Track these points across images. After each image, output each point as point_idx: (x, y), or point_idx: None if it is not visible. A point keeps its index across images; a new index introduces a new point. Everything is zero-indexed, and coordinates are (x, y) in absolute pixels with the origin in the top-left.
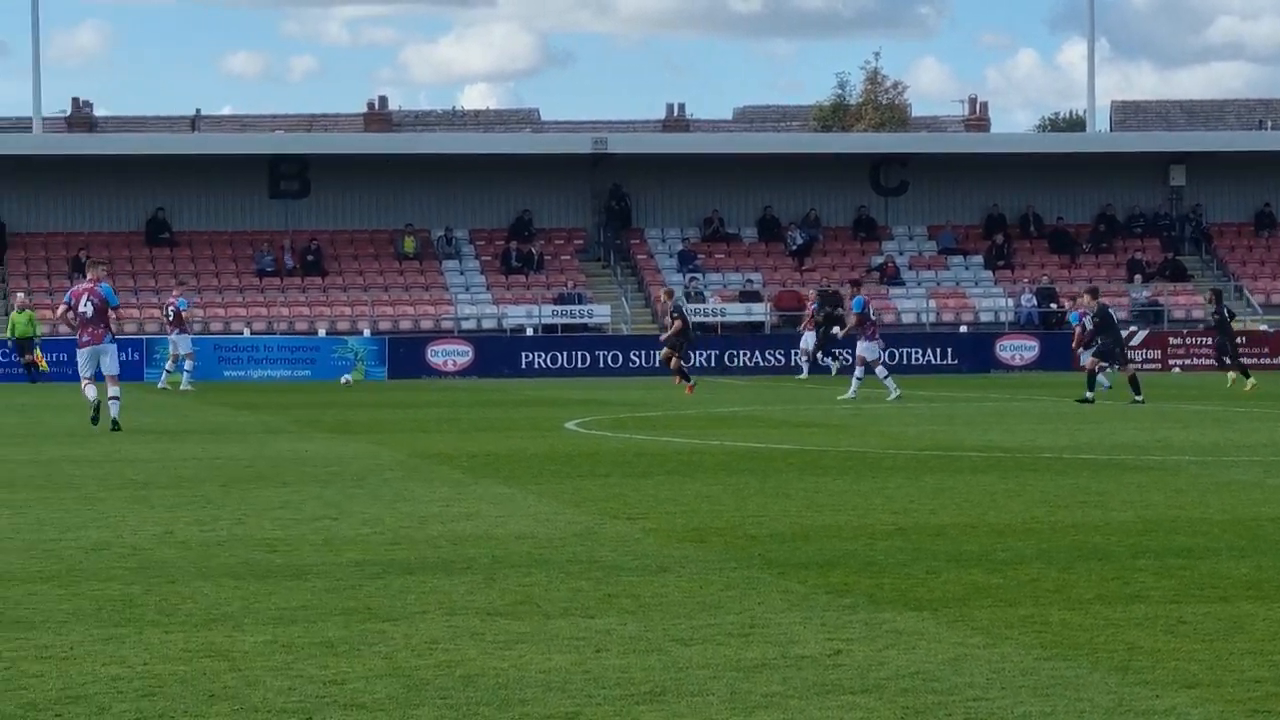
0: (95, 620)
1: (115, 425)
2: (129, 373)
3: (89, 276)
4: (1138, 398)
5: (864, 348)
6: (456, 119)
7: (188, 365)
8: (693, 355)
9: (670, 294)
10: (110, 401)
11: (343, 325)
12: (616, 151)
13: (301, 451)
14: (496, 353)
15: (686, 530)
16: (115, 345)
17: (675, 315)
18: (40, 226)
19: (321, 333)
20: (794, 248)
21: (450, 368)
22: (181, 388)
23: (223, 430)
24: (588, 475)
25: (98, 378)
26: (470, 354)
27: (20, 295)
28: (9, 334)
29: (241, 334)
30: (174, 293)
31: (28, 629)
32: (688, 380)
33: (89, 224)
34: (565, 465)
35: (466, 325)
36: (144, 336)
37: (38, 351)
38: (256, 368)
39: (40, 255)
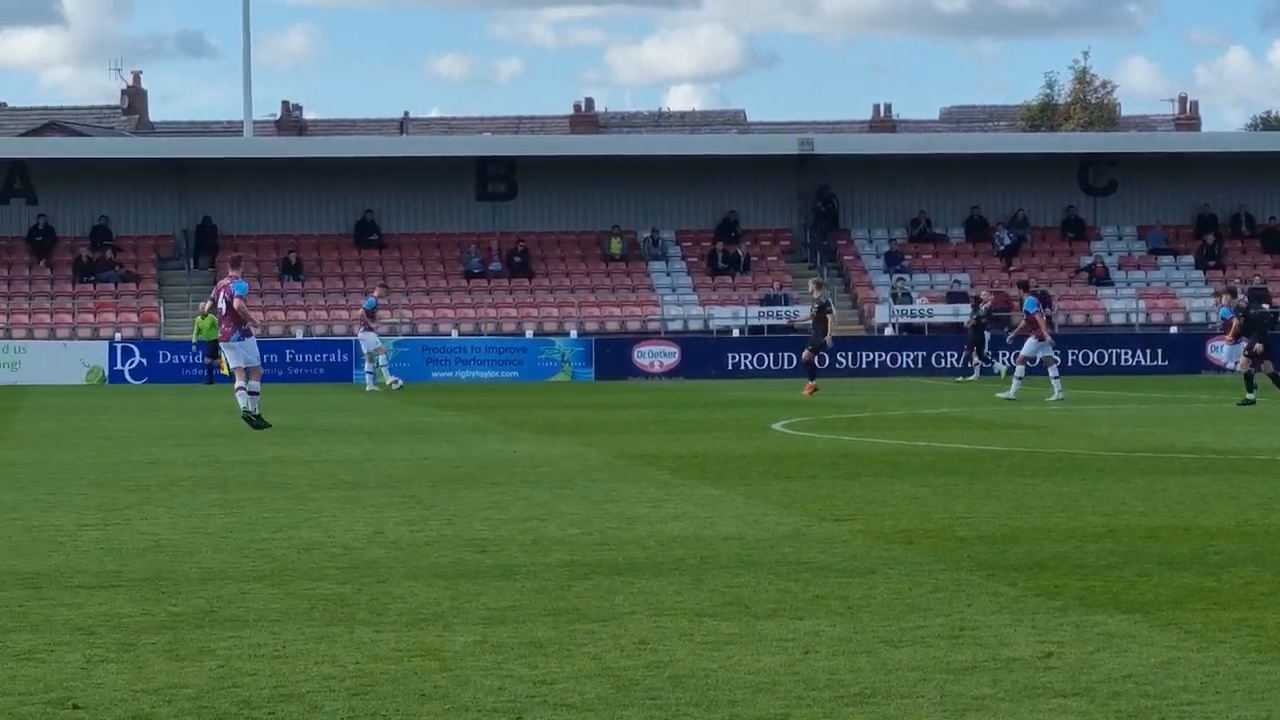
0: (308, 619)
1: (245, 418)
2: (338, 374)
3: (230, 274)
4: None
5: (1031, 346)
6: (663, 120)
7: (381, 361)
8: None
9: (820, 285)
10: (236, 393)
11: (549, 326)
12: (823, 152)
13: (509, 452)
14: (703, 354)
15: (895, 532)
16: (242, 342)
17: (825, 310)
18: (250, 229)
19: (528, 334)
20: (1002, 248)
21: (656, 369)
22: (368, 388)
23: (431, 431)
24: (795, 476)
25: (245, 374)
26: (676, 355)
27: (206, 303)
28: (195, 337)
29: (449, 335)
30: (374, 293)
31: (241, 627)
32: (812, 380)
33: (298, 226)
34: (773, 466)
35: (673, 326)
36: (351, 338)
37: (221, 355)
38: (464, 369)
39: (251, 257)
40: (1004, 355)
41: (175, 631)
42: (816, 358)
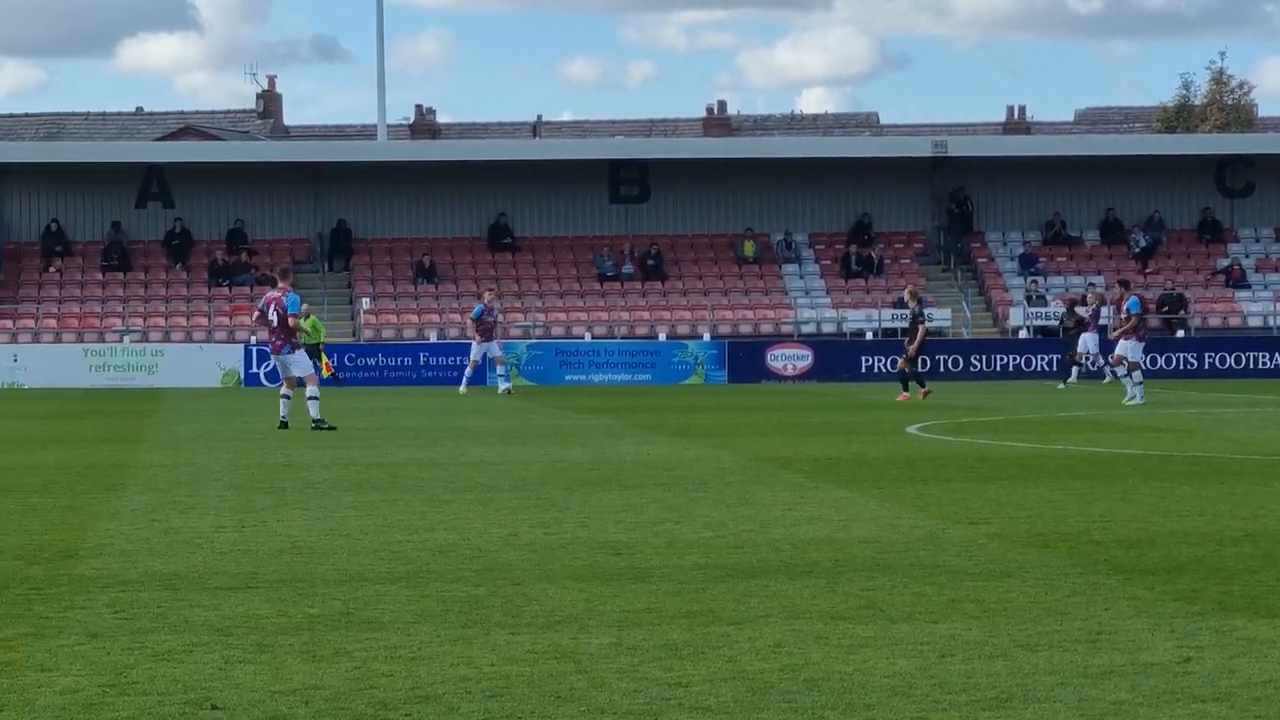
0: (443, 621)
1: (315, 424)
2: (475, 378)
3: (279, 286)
4: None
5: (1125, 348)
6: (795, 123)
7: (499, 370)
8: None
9: (915, 295)
10: (309, 402)
11: (682, 329)
12: (957, 154)
13: (643, 455)
14: (836, 357)
15: (1030, 535)
16: (294, 354)
17: (917, 320)
18: (385, 232)
19: (662, 337)
20: (1137, 250)
21: (790, 372)
22: (500, 389)
23: (565, 434)
24: (930, 480)
25: (299, 383)
26: (810, 358)
27: (304, 305)
28: (314, 339)
29: (582, 338)
30: (483, 298)
31: (378, 629)
32: (909, 389)
33: (432, 229)
34: (907, 470)
35: (806, 329)
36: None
37: (324, 358)
38: (597, 371)
39: (385, 260)
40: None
41: (312, 633)
42: (910, 366)
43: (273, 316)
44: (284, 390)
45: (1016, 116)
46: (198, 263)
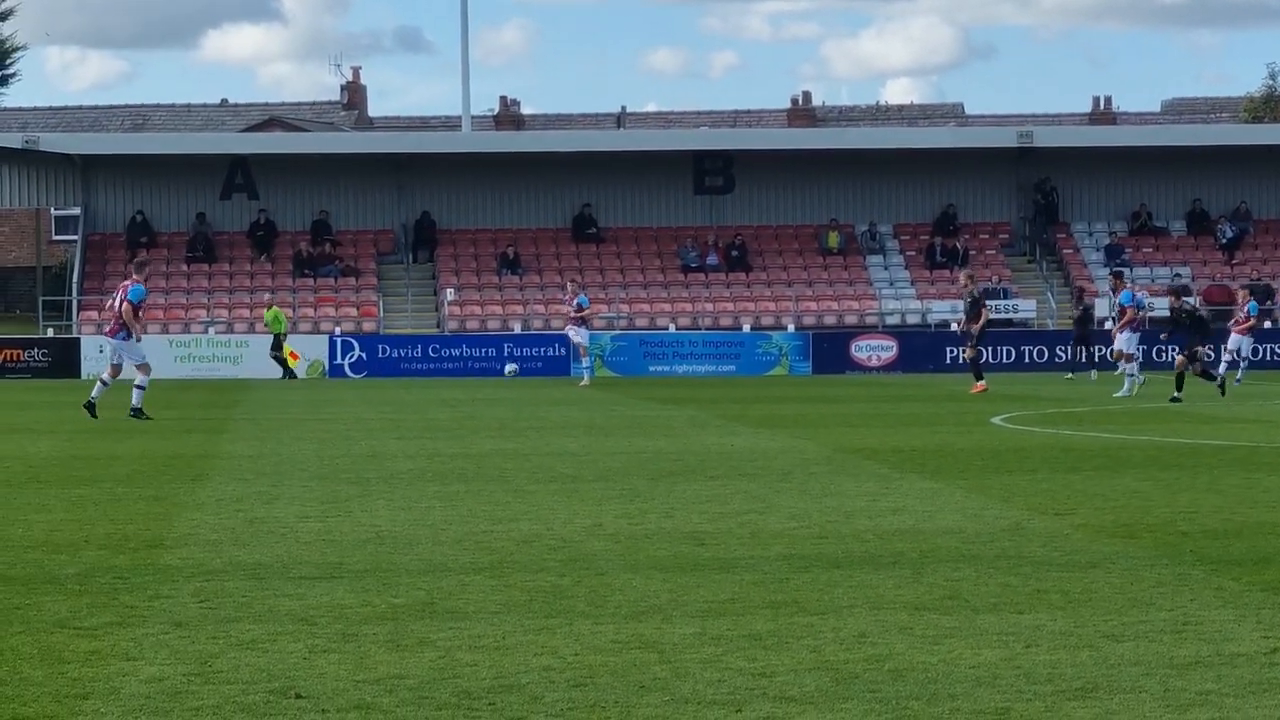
0: (526, 611)
1: (133, 412)
2: (556, 368)
3: (133, 276)
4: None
5: (1121, 340)
6: (880, 113)
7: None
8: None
9: (971, 278)
10: (135, 389)
11: (767, 320)
12: (1042, 145)
13: (727, 446)
14: (921, 348)
15: (1116, 526)
16: (127, 343)
17: (979, 304)
18: (469, 223)
19: (746, 328)
20: (1224, 241)
21: (874, 363)
22: (582, 383)
23: (648, 424)
24: (1015, 470)
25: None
26: (894, 349)
27: (267, 295)
28: (275, 328)
29: (666, 329)
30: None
31: (461, 619)
32: (979, 379)
33: (516, 220)
34: (992, 460)
35: (891, 320)
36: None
37: (287, 348)
38: (681, 362)
39: (469, 252)
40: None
41: (396, 622)
42: (976, 353)
43: (115, 301)
44: (105, 375)
45: (1102, 107)
46: (282, 254)
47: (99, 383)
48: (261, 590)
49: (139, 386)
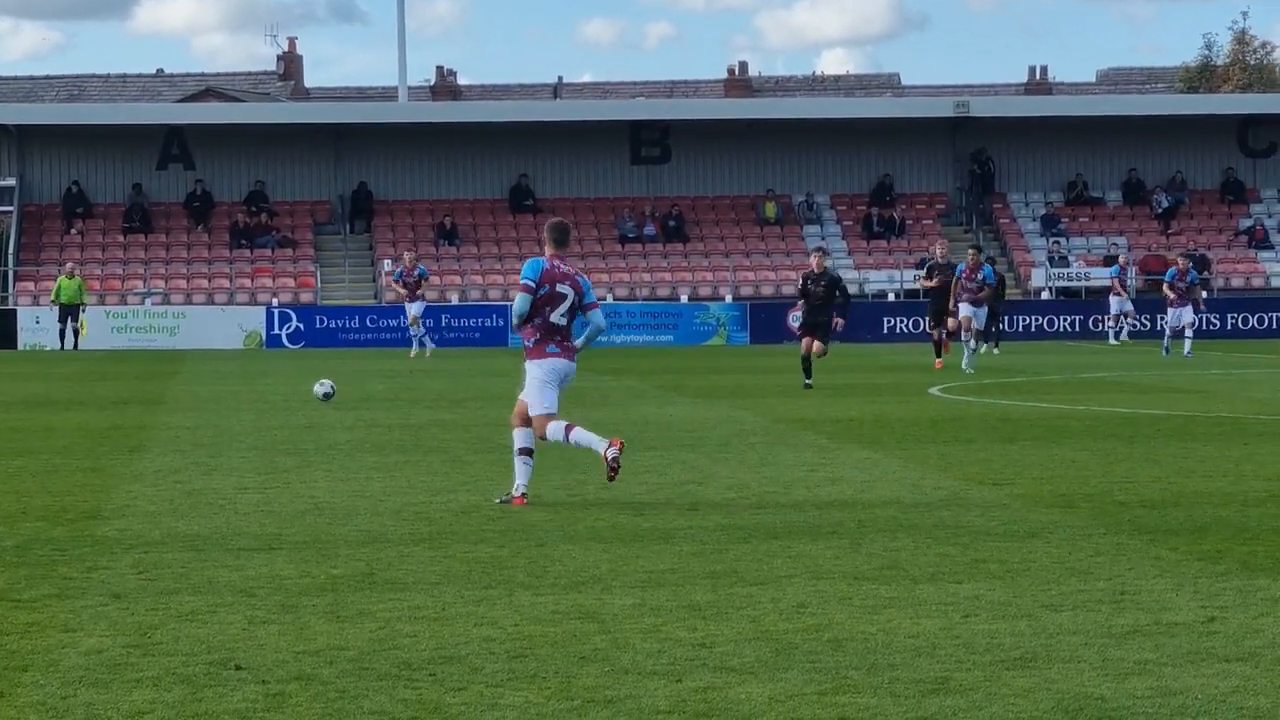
0: (466, 582)
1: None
2: (494, 338)
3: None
4: None
5: (973, 311)
6: (816, 84)
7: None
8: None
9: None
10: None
11: (704, 291)
12: (978, 115)
13: (665, 416)
14: (858, 318)
15: (1054, 496)
16: None
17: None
18: (406, 194)
19: (683, 298)
20: (1160, 211)
21: None
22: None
23: (586, 395)
24: (953, 441)
25: None
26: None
27: (70, 264)
28: (54, 299)
29: (604, 300)
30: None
31: (401, 590)
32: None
33: (453, 191)
34: (930, 430)
35: None
36: (507, 303)
37: (83, 319)
38: (619, 333)
39: (406, 222)
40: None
41: (335, 594)
42: (941, 327)
43: None
44: None
45: (1038, 77)
46: (219, 224)
47: None
48: (200, 562)
49: None
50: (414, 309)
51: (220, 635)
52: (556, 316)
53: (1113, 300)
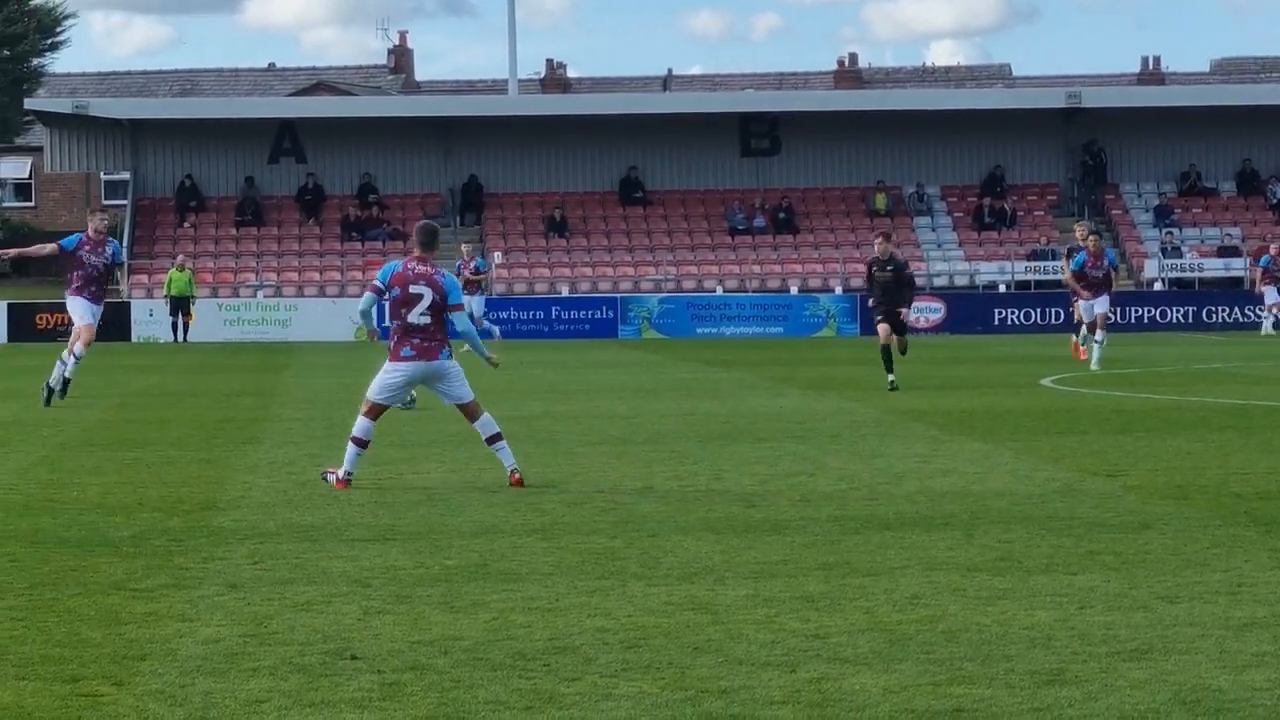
0: (579, 573)
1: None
2: (604, 330)
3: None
4: None
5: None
6: (927, 75)
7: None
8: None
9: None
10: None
11: (814, 282)
12: (1090, 105)
13: (776, 408)
14: (969, 309)
15: (1168, 487)
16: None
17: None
18: (516, 186)
19: (793, 290)
20: (1274, 201)
21: (922, 324)
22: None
23: (697, 386)
24: (1065, 432)
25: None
26: (942, 311)
27: (180, 257)
28: (166, 292)
29: (714, 292)
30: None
31: (515, 581)
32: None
33: (563, 184)
34: (1042, 422)
35: (939, 282)
36: (618, 295)
37: (192, 311)
38: (728, 325)
39: (516, 215)
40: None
41: (449, 584)
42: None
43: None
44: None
45: (1151, 67)
46: (330, 217)
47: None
48: (315, 552)
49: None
50: (472, 304)
51: (335, 625)
52: (415, 317)
53: (1267, 290)
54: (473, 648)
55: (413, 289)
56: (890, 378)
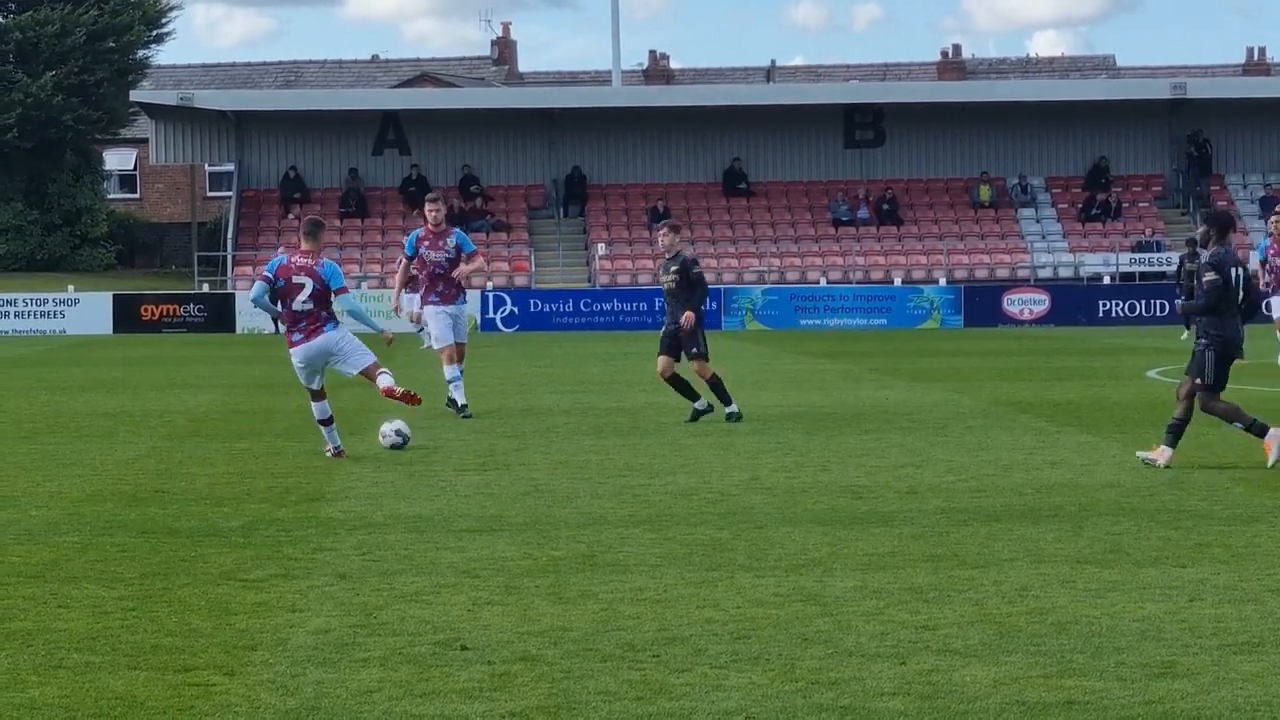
0: (687, 564)
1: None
2: (709, 321)
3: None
4: None
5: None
6: (1030, 66)
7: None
8: None
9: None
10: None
11: (918, 274)
12: (1195, 96)
13: (882, 399)
14: (1073, 301)
15: (1278, 480)
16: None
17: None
18: (619, 178)
19: (897, 281)
20: None
21: (1026, 316)
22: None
23: (802, 378)
24: None
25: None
26: (1047, 302)
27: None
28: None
29: (817, 283)
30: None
31: (622, 572)
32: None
33: (666, 175)
34: (1149, 414)
35: (1043, 274)
36: (721, 286)
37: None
38: (832, 316)
39: (620, 206)
40: None
41: (557, 575)
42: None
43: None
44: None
45: (1256, 58)
46: None
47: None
48: (423, 543)
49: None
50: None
51: (445, 616)
52: (298, 304)
53: None
54: (582, 638)
55: (294, 279)
56: (728, 409)
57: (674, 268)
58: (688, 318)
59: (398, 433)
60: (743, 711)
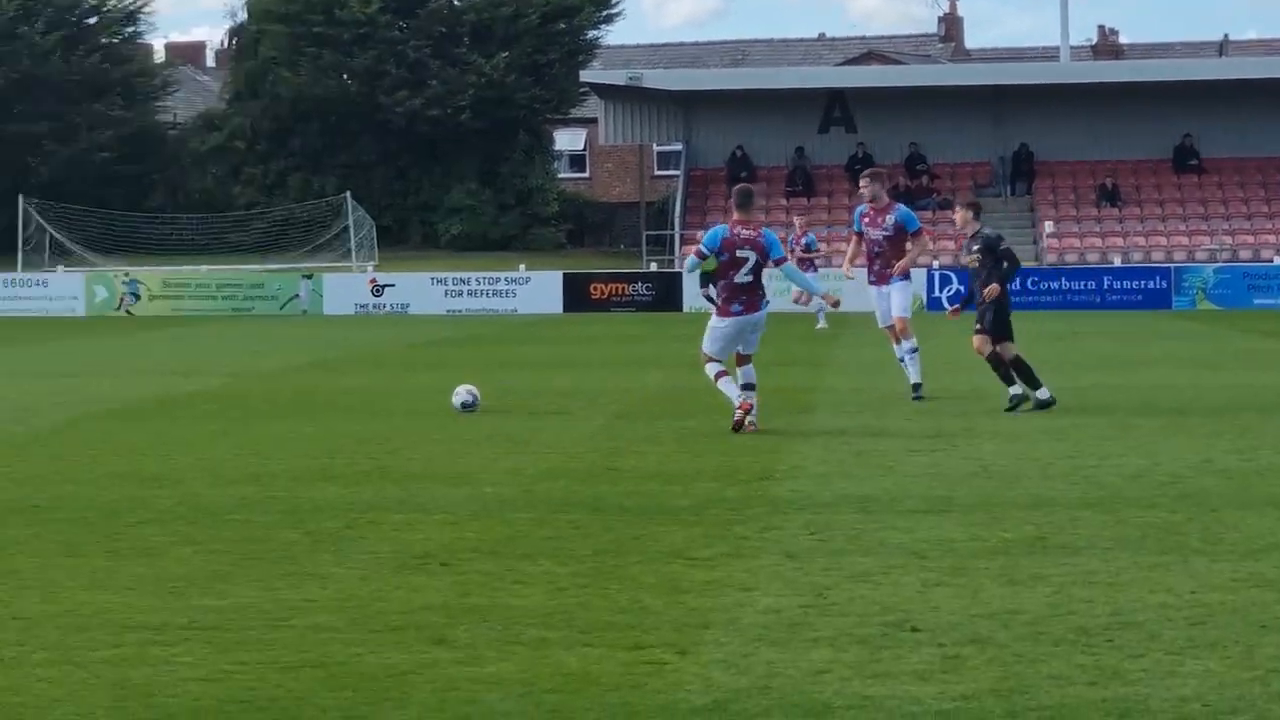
0: (1140, 547)
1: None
2: (1157, 301)
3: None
4: None
5: None
6: None
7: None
8: None
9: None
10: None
11: None
12: None
13: None
14: None
15: None
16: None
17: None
18: (1066, 155)
19: None
20: None
21: None
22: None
23: (1258, 357)
24: None
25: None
26: None
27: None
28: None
29: (1271, 262)
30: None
31: (1074, 554)
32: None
33: (1115, 152)
34: None
35: None
36: (1171, 265)
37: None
38: (1266, 295)
39: (1067, 184)
40: None
41: (1007, 557)
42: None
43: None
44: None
45: None
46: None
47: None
48: (870, 523)
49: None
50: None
51: (894, 597)
52: (740, 277)
53: None
54: (1033, 621)
55: (739, 253)
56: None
57: (975, 247)
58: (991, 289)
59: (469, 392)
60: (1199, 699)
